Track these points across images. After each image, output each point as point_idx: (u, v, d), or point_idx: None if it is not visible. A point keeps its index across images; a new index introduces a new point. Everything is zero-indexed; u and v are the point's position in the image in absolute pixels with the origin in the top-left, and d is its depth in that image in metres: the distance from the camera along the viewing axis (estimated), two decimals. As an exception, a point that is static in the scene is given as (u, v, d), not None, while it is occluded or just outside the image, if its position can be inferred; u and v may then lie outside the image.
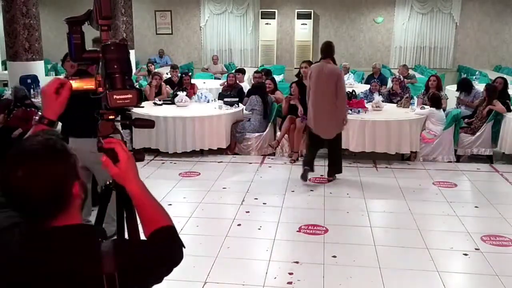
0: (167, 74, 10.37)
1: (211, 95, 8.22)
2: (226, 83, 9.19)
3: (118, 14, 11.97)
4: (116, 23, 11.83)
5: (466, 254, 4.18)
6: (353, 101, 7.26)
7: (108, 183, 1.63)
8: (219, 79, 11.57)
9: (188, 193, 5.65)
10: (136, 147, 6.74)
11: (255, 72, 9.22)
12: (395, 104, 7.82)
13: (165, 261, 1.38)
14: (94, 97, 1.53)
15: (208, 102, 7.86)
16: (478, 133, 7.04)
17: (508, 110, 7.07)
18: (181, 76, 8.94)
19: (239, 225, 4.73)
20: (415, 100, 7.90)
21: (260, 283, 3.66)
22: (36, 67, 8.63)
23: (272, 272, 3.83)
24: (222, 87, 9.37)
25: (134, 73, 10.86)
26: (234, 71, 10.34)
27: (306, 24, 14.91)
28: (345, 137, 6.21)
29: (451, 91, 9.46)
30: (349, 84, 9.63)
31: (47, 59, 11.54)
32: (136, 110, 6.00)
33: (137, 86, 7.66)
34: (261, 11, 15.10)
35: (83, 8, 1.71)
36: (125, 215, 1.61)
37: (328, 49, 5.85)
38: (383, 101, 7.73)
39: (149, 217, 1.42)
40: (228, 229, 4.58)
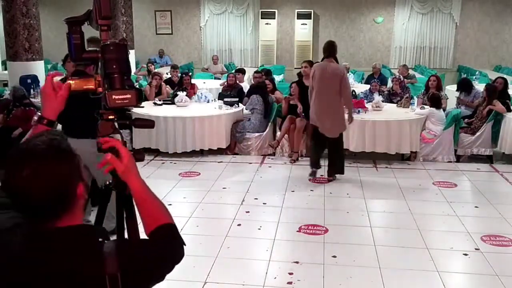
0: (167, 74, 10.38)
1: (211, 95, 8.21)
2: (226, 83, 9.19)
3: (118, 14, 11.98)
4: (116, 23, 11.84)
5: (466, 254, 4.18)
6: (353, 101, 7.23)
7: (108, 183, 1.63)
8: (219, 79, 11.57)
9: (188, 193, 5.64)
10: (136, 147, 6.74)
11: (255, 72, 9.22)
12: (395, 104, 7.82)
13: (166, 259, 1.38)
14: (94, 97, 1.53)
15: (208, 102, 7.86)
16: (478, 133, 7.04)
17: (508, 110, 7.06)
18: (181, 76, 8.94)
19: (239, 225, 4.73)
20: (415, 100, 7.90)
21: (260, 283, 3.66)
22: (36, 67, 8.64)
23: (272, 272, 3.83)
24: (222, 87, 9.37)
25: (134, 73, 10.86)
26: (234, 71, 10.33)
27: (306, 24, 14.91)
28: (345, 137, 6.21)
29: (451, 91, 9.46)
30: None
31: (47, 59, 11.55)
32: (136, 110, 6.00)
33: (137, 86, 7.67)
34: (261, 11, 15.10)
35: (83, 8, 1.71)
36: (125, 215, 1.61)
37: (331, 49, 5.87)
38: (383, 101, 7.73)
39: (150, 214, 1.42)
40: (228, 229, 4.58)
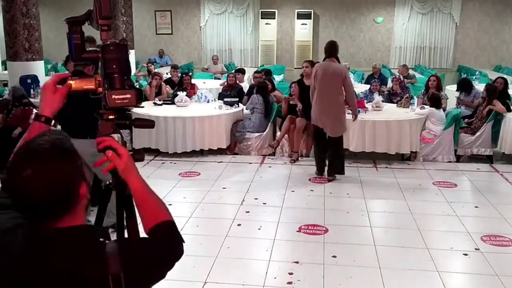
0: (167, 74, 10.38)
1: (211, 95, 8.21)
2: (226, 83, 9.19)
3: (118, 14, 11.97)
4: (116, 23, 11.84)
5: (466, 254, 4.18)
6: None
7: (108, 183, 1.63)
8: (219, 79, 11.56)
9: (188, 193, 5.64)
10: (136, 147, 6.74)
11: (255, 72, 9.22)
12: (395, 104, 7.82)
13: (166, 258, 1.39)
14: (94, 97, 1.53)
15: (208, 102, 7.86)
16: (478, 133, 7.04)
17: (508, 110, 7.06)
18: (181, 76, 8.94)
19: (239, 225, 4.73)
20: (415, 100, 7.90)
21: (260, 283, 3.66)
22: (36, 67, 8.63)
23: (272, 272, 3.83)
24: (222, 87, 9.37)
25: (134, 73, 10.86)
26: (234, 71, 10.33)
27: (306, 24, 14.91)
28: (345, 137, 6.21)
29: (451, 91, 9.46)
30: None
31: (47, 59, 11.54)
32: (136, 110, 6.00)
33: (137, 86, 7.68)
34: (261, 11, 15.10)
35: (83, 8, 1.71)
36: (125, 215, 1.61)
37: (333, 48, 5.91)
38: (383, 101, 7.73)
39: (149, 212, 1.42)
40: (228, 229, 4.58)
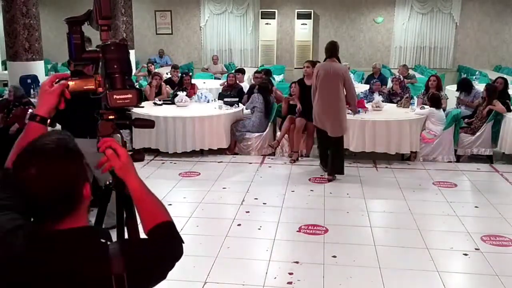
0: (167, 74, 10.37)
1: (211, 95, 8.21)
2: (226, 83, 9.19)
3: (118, 14, 11.97)
4: (116, 23, 11.83)
5: (466, 254, 4.18)
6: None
7: (108, 183, 1.63)
8: (219, 79, 11.56)
9: (188, 193, 5.64)
10: (136, 147, 6.74)
11: (255, 72, 9.23)
12: (395, 104, 7.82)
13: (166, 258, 1.39)
14: (94, 97, 1.53)
15: (208, 102, 7.86)
16: (478, 133, 7.03)
17: (508, 110, 7.06)
18: (181, 76, 8.94)
19: (239, 225, 4.73)
20: (415, 100, 7.90)
21: (260, 283, 3.66)
22: (36, 67, 8.64)
23: (272, 272, 3.83)
24: (222, 87, 9.37)
25: (134, 73, 10.86)
26: (234, 71, 10.33)
27: (306, 24, 14.91)
28: (345, 137, 6.20)
29: (451, 91, 9.45)
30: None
31: (47, 59, 11.55)
32: (136, 110, 6.00)
33: (137, 86, 7.66)
34: (261, 11, 15.10)
35: (83, 8, 1.71)
36: (125, 215, 1.61)
37: (333, 49, 5.95)
38: (383, 101, 7.73)
39: (148, 213, 1.42)
40: (228, 229, 4.58)
